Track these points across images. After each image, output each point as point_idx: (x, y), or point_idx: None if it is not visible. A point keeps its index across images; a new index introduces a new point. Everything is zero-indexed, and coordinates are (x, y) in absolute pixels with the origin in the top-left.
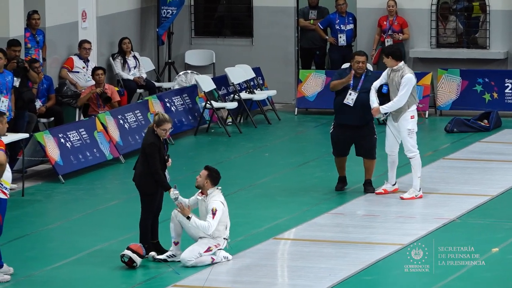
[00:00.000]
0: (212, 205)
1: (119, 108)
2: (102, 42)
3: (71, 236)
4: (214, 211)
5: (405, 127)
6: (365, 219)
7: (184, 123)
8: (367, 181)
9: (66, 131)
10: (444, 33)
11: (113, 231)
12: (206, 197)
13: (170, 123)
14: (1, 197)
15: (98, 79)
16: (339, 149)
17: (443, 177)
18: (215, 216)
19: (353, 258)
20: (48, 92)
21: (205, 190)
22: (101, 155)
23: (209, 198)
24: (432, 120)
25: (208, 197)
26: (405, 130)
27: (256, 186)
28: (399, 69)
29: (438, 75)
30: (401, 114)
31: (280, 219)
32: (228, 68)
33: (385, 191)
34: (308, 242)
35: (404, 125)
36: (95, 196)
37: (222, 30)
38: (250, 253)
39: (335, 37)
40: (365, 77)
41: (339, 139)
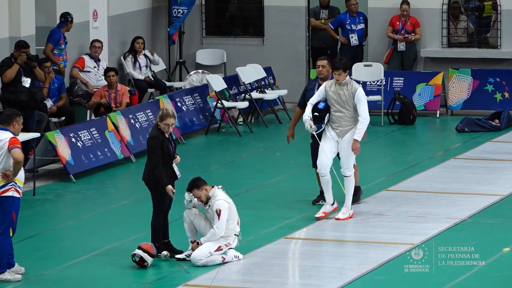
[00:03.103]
0: (216, 207)
1: (130, 108)
2: (113, 42)
3: (82, 236)
4: (219, 212)
5: (350, 144)
6: (376, 218)
7: (195, 122)
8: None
9: (77, 131)
10: (455, 32)
11: (124, 231)
12: (210, 201)
13: (173, 119)
14: (15, 195)
15: (110, 81)
16: None
17: (454, 176)
18: (221, 216)
19: (364, 257)
20: (59, 91)
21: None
22: (112, 154)
23: (212, 200)
24: (443, 119)
25: (211, 200)
26: (350, 147)
27: (267, 186)
28: (347, 82)
29: (449, 75)
30: (348, 131)
31: (291, 218)
32: (239, 68)
33: (325, 213)
34: (319, 242)
35: (349, 142)
36: (106, 196)
37: (233, 30)
38: (261, 252)
39: (346, 36)
40: None
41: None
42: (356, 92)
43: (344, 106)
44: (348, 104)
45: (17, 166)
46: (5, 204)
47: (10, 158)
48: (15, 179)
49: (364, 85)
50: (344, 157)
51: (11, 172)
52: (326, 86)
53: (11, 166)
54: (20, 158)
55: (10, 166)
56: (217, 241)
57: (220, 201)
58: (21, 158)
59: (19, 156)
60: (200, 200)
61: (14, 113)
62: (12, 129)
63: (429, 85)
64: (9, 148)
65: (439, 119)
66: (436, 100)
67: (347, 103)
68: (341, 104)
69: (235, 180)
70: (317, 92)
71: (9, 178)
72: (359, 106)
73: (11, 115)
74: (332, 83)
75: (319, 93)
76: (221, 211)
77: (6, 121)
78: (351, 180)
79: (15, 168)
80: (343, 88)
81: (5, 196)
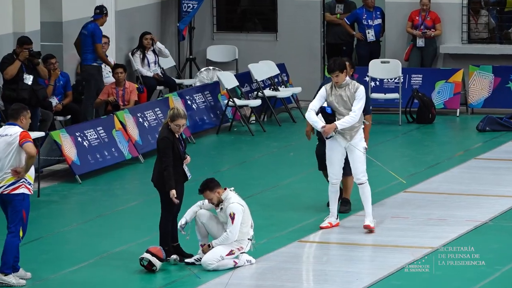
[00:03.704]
0: (229, 210)
1: (138, 106)
2: (121, 37)
3: (88, 239)
4: (233, 215)
5: (361, 146)
6: (394, 221)
7: (205, 121)
8: (344, 200)
9: (83, 130)
10: (476, 28)
11: (132, 233)
12: (223, 204)
13: (184, 119)
14: (26, 192)
15: (118, 78)
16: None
17: (475, 177)
18: (235, 220)
19: (381, 262)
20: (65, 89)
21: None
22: (119, 154)
23: (225, 203)
24: (463, 118)
25: (224, 203)
26: (362, 149)
27: (280, 187)
28: (348, 83)
29: (470, 72)
30: (356, 132)
31: (306, 221)
32: (251, 65)
33: (330, 224)
34: (334, 245)
35: (360, 144)
36: (113, 197)
37: (245, 25)
38: (274, 256)
39: (363, 32)
40: None
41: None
42: (358, 89)
43: (348, 106)
44: (351, 104)
45: (30, 161)
46: (16, 202)
47: (20, 153)
48: (26, 176)
49: (381, 82)
50: (355, 163)
51: (22, 169)
52: (327, 89)
53: (22, 162)
54: (33, 152)
55: (20, 163)
56: (229, 245)
57: (234, 204)
58: (34, 153)
59: (32, 150)
60: (211, 202)
61: (22, 108)
62: (20, 123)
63: (449, 82)
64: (21, 142)
65: (459, 118)
66: (456, 98)
67: (351, 104)
68: (344, 105)
69: (247, 181)
70: (317, 96)
71: (20, 175)
72: (355, 102)
73: (18, 110)
74: (331, 86)
75: (319, 97)
76: (235, 215)
77: (13, 116)
78: (368, 187)
79: (27, 163)
80: (345, 89)
81: (16, 193)
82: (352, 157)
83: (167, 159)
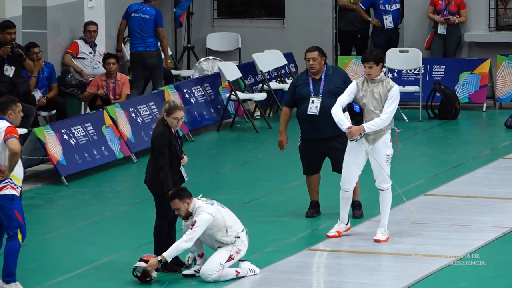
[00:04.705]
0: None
1: (130, 100)
2: (111, 24)
3: (75, 247)
4: (194, 222)
5: (384, 153)
6: (413, 227)
7: (205, 117)
8: (355, 203)
9: (70, 126)
10: (505, 13)
11: (124, 241)
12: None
13: (182, 111)
14: (13, 193)
15: (109, 69)
16: (309, 166)
17: (503, 179)
18: (194, 227)
19: (399, 272)
20: (50, 81)
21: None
22: (110, 153)
23: (195, 216)
24: (490, 114)
25: (194, 216)
26: (384, 156)
27: (288, 190)
28: (382, 79)
29: (498, 62)
30: (381, 136)
31: (315, 227)
32: (256, 54)
33: (338, 233)
34: (347, 254)
35: (383, 150)
36: (103, 201)
37: (249, 10)
38: (281, 266)
39: (379, 18)
40: (325, 77)
41: (309, 154)
42: (392, 88)
43: (379, 106)
44: (383, 104)
45: (13, 159)
46: (4, 203)
47: (6, 150)
48: (12, 176)
49: (399, 74)
50: (378, 168)
51: (6, 167)
52: (358, 84)
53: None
54: (16, 149)
55: (6, 160)
56: (226, 250)
57: (201, 215)
58: (18, 149)
59: (15, 147)
60: (179, 213)
61: (10, 101)
62: (8, 118)
63: (474, 74)
64: (5, 138)
65: (485, 113)
66: (482, 91)
67: (381, 103)
68: (374, 104)
69: (251, 183)
70: (346, 91)
71: (4, 175)
72: (388, 103)
73: (6, 103)
74: (363, 80)
75: (348, 92)
76: (196, 222)
77: (1, 110)
78: (388, 194)
79: (11, 161)
80: (378, 85)
81: (3, 194)
82: (374, 163)
83: (163, 158)
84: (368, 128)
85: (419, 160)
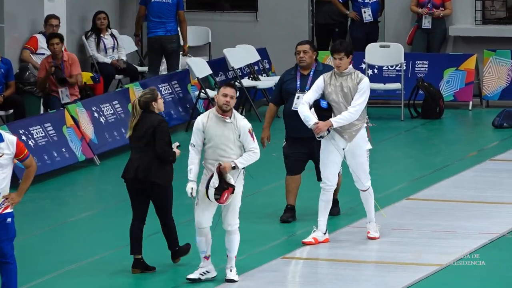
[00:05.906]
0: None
1: (93, 98)
2: (73, 18)
3: (33, 256)
4: (251, 131)
5: (364, 148)
6: (394, 234)
7: (173, 116)
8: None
9: (29, 126)
10: (492, 6)
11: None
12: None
13: None
14: None
15: (53, 50)
16: (293, 165)
17: (491, 182)
18: (254, 137)
19: (380, 281)
20: (7, 78)
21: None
22: (71, 155)
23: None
24: (476, 112)
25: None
26: (365, 152)
27: (262, 193)
28: (351, 71)
29: (484, 58)
30: (358, 131)
31: (291, 234)
32: (227, 49)
33: (315, 240)
34: (324, 262)
35: (362, 146)
36: (64, 206)
37: (220, 3)
38: (253, 275)
39: (358, 11)
40: (314, 73)
41: (293, 152)
42: (362, 81)
43: (349, 100)
44: (352, 97)
45: None
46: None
47: None
48: None
49: (380, 70)
50: (356, 170)
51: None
52: (326, 79)
53: None
54: None
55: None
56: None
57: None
58: None
59: None
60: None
61: None
62: None
63: (460, 70)
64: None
65: (471, 112)
66: (468, 88)
67: (351, 97)
68: (344, 98)
69: None
70: (312, 87)
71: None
72: (357, 95)
73: None
74: (330, 75)
75: (315, 88)
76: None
77: None
78: (370, 191)
79: None
80: (347, 79)
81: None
82: (353, 162)
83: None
84: (336, 122)
85: (401, 162)
